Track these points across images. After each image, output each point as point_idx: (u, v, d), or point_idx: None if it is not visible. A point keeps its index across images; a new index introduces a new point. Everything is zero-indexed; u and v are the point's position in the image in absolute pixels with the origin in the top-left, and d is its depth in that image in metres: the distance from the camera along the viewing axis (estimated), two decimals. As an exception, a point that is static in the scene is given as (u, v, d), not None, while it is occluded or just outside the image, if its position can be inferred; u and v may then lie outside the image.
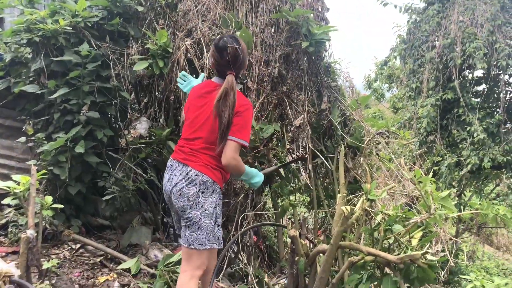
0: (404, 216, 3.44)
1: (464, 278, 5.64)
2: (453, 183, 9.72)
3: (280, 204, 4.09)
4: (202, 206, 2.46)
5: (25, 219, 3.71)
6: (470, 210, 3.83)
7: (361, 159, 3.70)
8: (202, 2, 4.07)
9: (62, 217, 3.98)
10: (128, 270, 3.76)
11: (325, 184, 4.28)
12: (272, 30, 4.06)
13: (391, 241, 3.24)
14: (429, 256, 2.91)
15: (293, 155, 4.13)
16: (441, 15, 9.34)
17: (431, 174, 3.37)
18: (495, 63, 8.59)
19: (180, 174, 2.48)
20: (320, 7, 4.29)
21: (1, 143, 4.46)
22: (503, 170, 9.58)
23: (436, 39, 9.45)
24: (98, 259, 3.89)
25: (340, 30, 4.04)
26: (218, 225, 2.57)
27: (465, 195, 11.27)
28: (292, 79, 3.99)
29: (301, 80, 4.00)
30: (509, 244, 17.99)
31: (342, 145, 3.82)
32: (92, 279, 3.56)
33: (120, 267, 3.78)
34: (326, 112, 4.00)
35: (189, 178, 2.45)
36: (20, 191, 3.11)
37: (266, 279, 3.40)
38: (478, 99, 9.23)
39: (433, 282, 3.09)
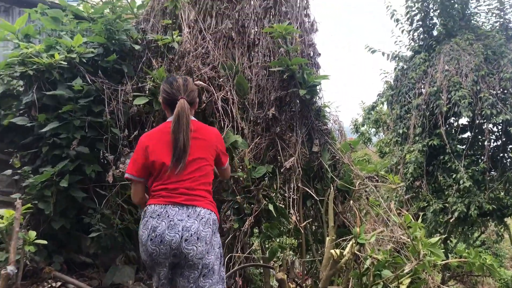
0: (393, 261, 3.42)
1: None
2: (439, 229, 9.73)
3: (269, 246, 4.04)
4: (214, 248, 2.36)
5: (5, 254, 3.59)
6: (457, 258, 3.83)
7: (351, 202, 3.70)
8: (201, 45, 4.15)
9: (43, 253, 3.86)
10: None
11: (314, 228, 4.25)
12: (266, 74, 4.14)
13: (380, 287, 3.20)
14: (419, 305, 2.88)
15: (285, 196, 4.11)
16: (428, 64, 9.61)
17: (418, 219, 3.38)
18: (479, 112, 8.79)
19: (188, 216, 2.31)
20: (312, 52, 4.40)
21: (-14, 176, 4.37)
22: (488, 218, 9.65)
23: (422, 87, 9.68)
24: (79, 299, 3.76)
25: (330, 74, 4.14)
26: (223, 266, 2.50)
27: (451, 241, 11.27)
28: (285, 121, 4.03)
29: (292, 122, 4.04)
30: (494, 292, 17.88)
31: (332, 188, 3.83)
32: (71, 320, 3.43)
33: (101, 307, 3.65)
34: (317, 155, 4.02)
35: (202, 218, 2.32)
36: (3, 226, 3.03)
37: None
38: (464, 146, 9.37)
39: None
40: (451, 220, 9.13)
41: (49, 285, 3.84)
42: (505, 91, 8.92)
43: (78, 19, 4.73)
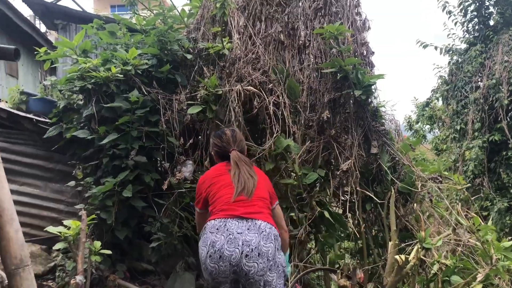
0: (462, 266, 3.25)
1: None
2: (505, 229, 9.21)
3: (327, 251, 3.96)
4: (277, 266, 2.27)
5: (73, 263, 3.72)
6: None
7: (414, 205, 3.55)
8: (251, 50, 4.14)
9: (108, 262, 3.97)
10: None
11: (374, 232, 4.12)
12: (318, 75, 4.07)
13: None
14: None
15: (342, 200, 4.01)
16: (484, 56, 9.17)
17: (488, 222, 3.20)
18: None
19: (248, 229, 2.25)
20: (365, 51, 4.28)
21: (52, 187, 4.56)
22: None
23: (479, 80, 9.25)
24: (142, 306, 3.84)
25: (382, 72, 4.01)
26: (286, 286, 2.44)
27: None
28: (339, 123, 3.94)
29: (347, 124, 3.95)
30: None
31: (393, 191, 3.69)
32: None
33: (164, 314, 3.70)
34: (377, 157, 3.90)
35: (262, 232, 2.26)
36: (70, 236, 3.14)
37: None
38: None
39: None
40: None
41: (114, 293, 3.95)
42: None
43: (131, 31, 4.86)
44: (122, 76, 4.13)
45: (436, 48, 10.05)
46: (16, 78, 14.22)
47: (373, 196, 3.82)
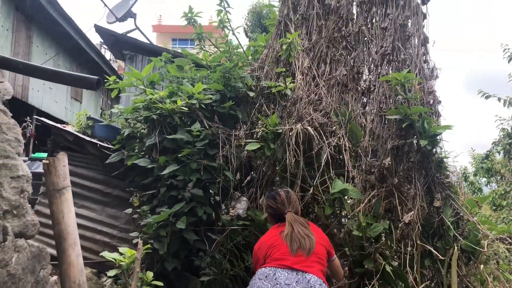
0: None
1: None
2: None
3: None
4: None
5: (123, 291, 3.73)
6: None
7: (481, 266, 3.33)
8: (314, 91, 4.14)
9: (156, 293, 3.95)
10: None
11: (434, 289, 3.89)
12: (382, 121, 3.99)
13: None
14: None
15: (401, 254, 3.82)
16: (553, 111, 8.74)
17: None
18: None
19: (297, 282, 2.24)
20: (431, 100, 4.17)
21: (107, 212, 4.67)
22: None
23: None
24: None
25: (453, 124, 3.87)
26: None
27: None
28: (402, 171, 3.81)
29: (410, 173, 3.81)
30: None
31: (455, 248, 3.49)
32: None
33: None
34: (440, 210, 3.72)
35: (311, 286, 2.22)
36: (125, 264, 3.15)
37: None
38: None
39: None
40: None
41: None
42: None
43: (198, 66, 5.00)
44: (186, 109, 4.22)
45: (499, 99, 9.69)
46: (80, 102, 14.99)
47: (433, 251, 3.63)
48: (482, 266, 3.35)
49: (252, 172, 4.34)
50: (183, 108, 4.19)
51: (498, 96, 9.82)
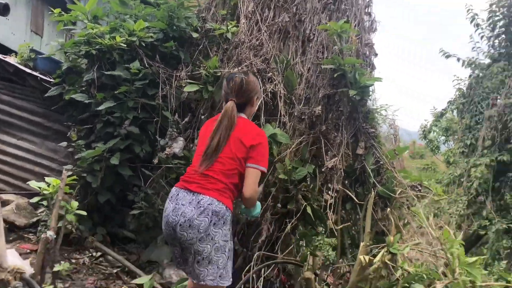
0: (427, 275, 3.26)
1: None
2: (502, 255, 9.07)
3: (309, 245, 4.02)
4: (212, 239, 2.34)
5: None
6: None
7: (391, 210, 3.56)
8: (256, 36, 4.16)
9: (88, 224, 4.09)
10: (141, 286, 3.77)
11: (352, 233, 4.14)
12: (318, 70, 4.07)
13: (408, 302, 3.07)
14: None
15: (324, 197, 4.02)
16: (506, 74, 8.97)
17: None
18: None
19: (190, 203, 2.35)
20: (368, 52, 4.25)
21: (47, 145, 4.71)
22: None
23: (498, 97, 9.06)
24: (115, 270, 3.95)
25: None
26: (231, 260, 2.48)
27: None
28: (331, 120, 3.94)
29: (339, 122, 3.94)
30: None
31: (372, 193, 3.70)
32: (103, 289, 3.61)
33: (134, 281, 3.80)
34: (362, 158, 3.90)
35: (200, 207, 2.33)
36: (49, 193, 3.24)
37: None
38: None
39: None
40: (514, 243, 8.52)
41: (90, 254, 4.08)
42: None
43: (145, 3, 4.91)
44: (126, 46, 4.20)
45: (458, 59, 9.88)
46: (41, 37, 14.48)
47: (353, 197, 3.84)
48: (391, 210, 3.57)
49: (190, 114, 4.40)
50: (122, 44, 4.17)
51: (457, 56, 10.02)
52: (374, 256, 3.33)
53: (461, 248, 3.11)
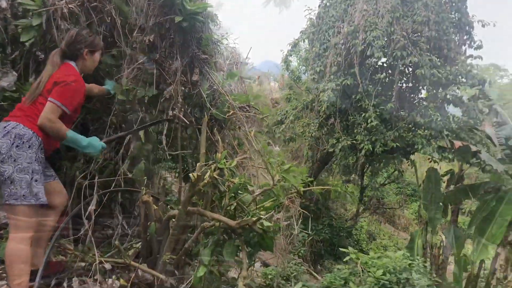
0: (249, 184, 3.66)
1: (343, 251, 6.08)
2: (350, 176, 10.27)
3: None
4: (15, 161, 2.49)
5: None
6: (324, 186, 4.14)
7: (223, 131, 3.84)
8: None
9: None
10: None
11: (195, 155, 4.39)
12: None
13: (236, 208, 3.43)
14: (264, 223, 3.13)
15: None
16: (348, 2, 9.70)
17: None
18: (391, 53, 9.11)
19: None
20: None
21: None
22: (395, 155, 10.26)
23: (342, 26, 9.83)
24: None
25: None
26: (36, 181, 2.58)
27: (366, 179, 11.97)
28: (165, 48, 4.01)
29: (173, 49, 4.03)
30: (408, 224, 19.50)
31: (206, 116, 3.94)
32: None
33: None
34: (198, 84, 4.07)
35: (5, 131, 2.51)
36: None
37: (116, 243, 3.46)
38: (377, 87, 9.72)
39: (271, 248, 3.33)
40: (359, 156, 9.67)
41: None
42: (417, 34, 9.25)
43: None
44: None
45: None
46: None
47: (192, 121, 4.04)
48: (224, 131, 3.86)
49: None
50: None
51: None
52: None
53: (281, 157, 3.53)
